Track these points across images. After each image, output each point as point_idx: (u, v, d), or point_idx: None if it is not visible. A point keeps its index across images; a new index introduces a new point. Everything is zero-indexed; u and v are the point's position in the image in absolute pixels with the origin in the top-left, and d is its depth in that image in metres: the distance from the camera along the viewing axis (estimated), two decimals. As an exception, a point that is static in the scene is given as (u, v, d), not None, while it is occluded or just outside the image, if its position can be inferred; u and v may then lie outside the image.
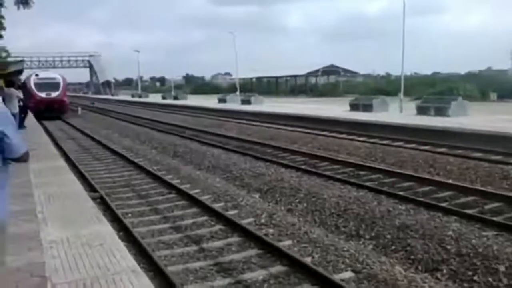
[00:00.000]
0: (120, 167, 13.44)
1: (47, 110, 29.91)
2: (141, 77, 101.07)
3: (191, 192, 9.88)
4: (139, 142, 19.16)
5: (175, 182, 11.00)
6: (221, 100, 45.25)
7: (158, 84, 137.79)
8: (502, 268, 5.67)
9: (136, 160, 14.00)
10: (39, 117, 26.62)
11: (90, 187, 10.34)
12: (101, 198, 9.41)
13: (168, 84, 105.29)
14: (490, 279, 5.56)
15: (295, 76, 76.09)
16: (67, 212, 6.53)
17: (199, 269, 6.02)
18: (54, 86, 31.43)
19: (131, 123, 27.94)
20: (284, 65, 77.87)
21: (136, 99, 65.90)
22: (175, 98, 58.27)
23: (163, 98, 61.65)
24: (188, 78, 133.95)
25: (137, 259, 5.39)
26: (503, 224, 7.29)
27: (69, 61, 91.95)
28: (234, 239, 7.09)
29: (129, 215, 8.59)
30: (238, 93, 48.51)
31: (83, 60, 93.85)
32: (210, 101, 45.83)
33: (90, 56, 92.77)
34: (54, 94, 31.10)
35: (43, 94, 30.75)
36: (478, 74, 66.16)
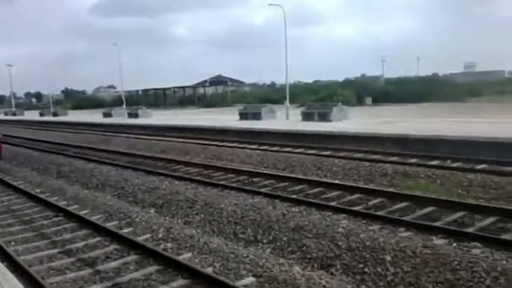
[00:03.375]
0: (-4, 192, 12.22)
1: None
2: (14, 93, 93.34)
3: (80, 213, 9.32)
4: (17, 163, 17.62)
5: (61, 203, 10.30)
6: (106, 115, 43.50)
7: (34, 100, 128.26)
8: (388, 258, 6.14)
9: (15, 184, 12.84)
10: None
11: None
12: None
13: (46, 99, 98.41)
14: (379, 269, 5.99)
15: (183, 87, 75.75)
16: None
17: (96, 292, 5.69)
18: None
19: (5, 144, 25.58)
20: (172, 77, 77.24)
21: (9, 117, 60.82)
22: (54, 114, 54.91)
23: (41, 115, 57.74)
24: (67, 93, 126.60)
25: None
26: (386, 218, 7.92)
27: None
28: (131, 257, 6.81)
29: (12, 243, 7.84)
30: (124, 106, 46.94)
31: None
32: (94, 116, 43.83)
33: None
34: None
35: None
36: (354, 81, 71.29)
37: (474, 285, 5.32)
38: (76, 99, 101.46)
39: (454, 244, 6.62)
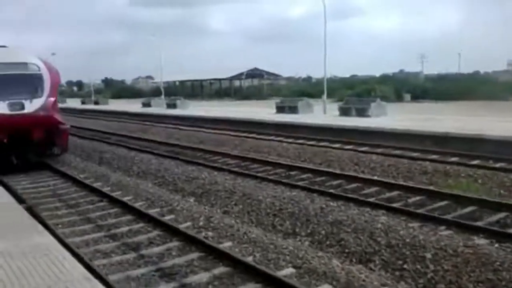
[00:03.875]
0: (44, 177, 12.76)
1: (12, 146, 12.88)
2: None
3: (124, 199, 9.66)
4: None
5: (105, 189, 10.68)
6: (146, 104, 44.33)
7: (75, 88, 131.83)
8: (428, 256, 6.14)
9: (61, 169, 13.37)
10: None
11: (16, 198, 9.76)
12: (29, 208, 8.92)
13: (86, 88, 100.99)
14: (418, 266, 5.99)
15: (220, 80, 76.29)
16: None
17: (141, 276, 5.93)
18: (27, 84, 13.08)
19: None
20: (209, 69, 77.64)
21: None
22: (96, 103, 56.22)
23: (83, 103, 59.23)
24: (107, 82, 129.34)
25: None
26: (426, 216, 7.88)
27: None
28: (174, 243, 7.04)
29: (59, 226, 8.23)
30: (163, 96, 47.74)
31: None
32: (134, 106, 44.71)
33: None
34: (29, 107, 12.74)
35: None
36: (392, 76, 70.10)
37: (517, 286, 5.27)
38: (116, 89, 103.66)
39: (496, 245, 6.55)
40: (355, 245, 6.78)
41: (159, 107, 40.73)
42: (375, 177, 11.06)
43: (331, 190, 9.85)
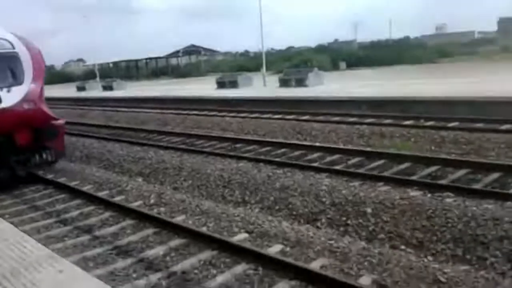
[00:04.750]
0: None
1: None
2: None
3: (71, 184, 9.55)
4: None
5: (49, 177, 10.47)
6: (80, 88, 42.89)
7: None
8: (369, 210, 6.63)
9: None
10: None
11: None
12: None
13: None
14: (360, 220, 6.48)
15: (156, 58, 74.63)
16: None
17: (97, 255, 6.02)
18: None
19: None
20: (144, 48, 75.64)
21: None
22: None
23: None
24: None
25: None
26: (365, 175, 8.41)
27: None
28: (127, 222, 7.14)
29: (7, 216, 8.05)
30: (98, 79, 46.26)
31: None
32: (67, 90, 43.10)
33: None
34: (7, 98, 8.99)
35: None
36: (328, 46, 71.49)
37: (448, 229, 5.85)
38: (46, 74, 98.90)
39: (429, 195, 7.15)
40: (302, 207, 7.18)
41: (95, 90, 39.54)
42: (317, 143, 11.55)
43: (277, 159, 10.21)
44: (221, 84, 28.47)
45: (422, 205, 6.52)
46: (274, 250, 5.68)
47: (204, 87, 30.08)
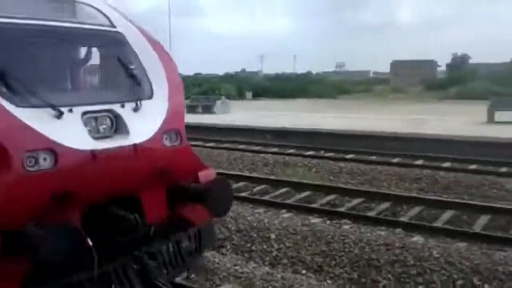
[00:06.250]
0: None
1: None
2: None
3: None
4: None
5: None
6: None
7: None
8: (273, 236, 6.83)
9: None
10: None
11: None
12: None
13: None
14: (264, 246, 6.64)
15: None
16: None
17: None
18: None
19: None
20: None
21: None
22: None
23: None
24: None
25: None
26: (269, 202, 8.69)
27: None
28: None
29: None
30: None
31: None
32: None
33: None
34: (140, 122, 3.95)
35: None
36: (235, 75, 72.97)
37: (345, 254, 6.21)
38: None
39: (328, 222, 7.57)
40: (208, 234, 7.18)
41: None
42: (221, 170, 11.67)
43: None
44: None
45: (322, 231, 6.86)
46: (178, 277, 5.61)
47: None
